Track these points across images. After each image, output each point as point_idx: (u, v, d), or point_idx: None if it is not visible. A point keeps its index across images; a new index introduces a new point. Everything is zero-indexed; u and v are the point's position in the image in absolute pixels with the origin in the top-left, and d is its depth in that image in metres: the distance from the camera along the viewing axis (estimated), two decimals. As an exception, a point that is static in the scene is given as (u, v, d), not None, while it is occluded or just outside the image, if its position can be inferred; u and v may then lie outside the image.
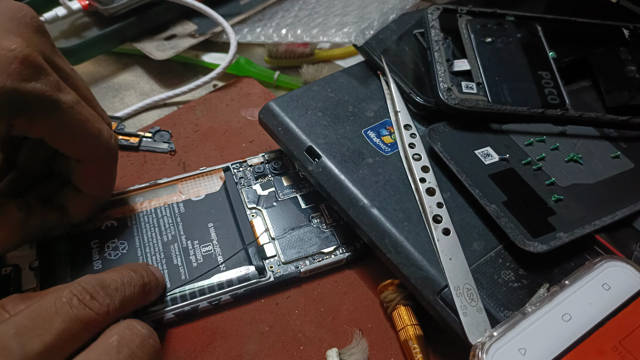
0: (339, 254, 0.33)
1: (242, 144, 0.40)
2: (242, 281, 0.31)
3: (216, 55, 0.46)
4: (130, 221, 0.33)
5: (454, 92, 0.33)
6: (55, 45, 0.27)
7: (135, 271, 0.27)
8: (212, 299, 0.30)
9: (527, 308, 0.25)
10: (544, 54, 0.37)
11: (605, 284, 0.25)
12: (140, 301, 0.27)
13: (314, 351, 0.30)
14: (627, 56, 0.37)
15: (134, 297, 0.26)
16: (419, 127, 0.34)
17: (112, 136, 0.29)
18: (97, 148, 0.28)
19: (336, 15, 0.44)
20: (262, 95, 0.44)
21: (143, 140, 0.40)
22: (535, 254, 0.27)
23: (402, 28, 0.40)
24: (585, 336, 0.23)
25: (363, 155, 0.32)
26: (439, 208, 0.30)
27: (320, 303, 0.32)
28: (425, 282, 0.27)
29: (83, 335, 0.22)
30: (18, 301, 0.23)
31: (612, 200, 0.30)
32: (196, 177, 0.36)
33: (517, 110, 0.33)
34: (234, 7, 0.48)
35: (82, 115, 0.26)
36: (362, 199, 0.30)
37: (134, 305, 0.26)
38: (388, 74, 0.36)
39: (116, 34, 0.44)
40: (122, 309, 0.25)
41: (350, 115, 0.35)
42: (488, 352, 0.23)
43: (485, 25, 0.38)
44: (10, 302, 0.23)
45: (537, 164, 0.32)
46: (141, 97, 0.45)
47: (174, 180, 0.35)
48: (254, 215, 0.34)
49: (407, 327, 0.29)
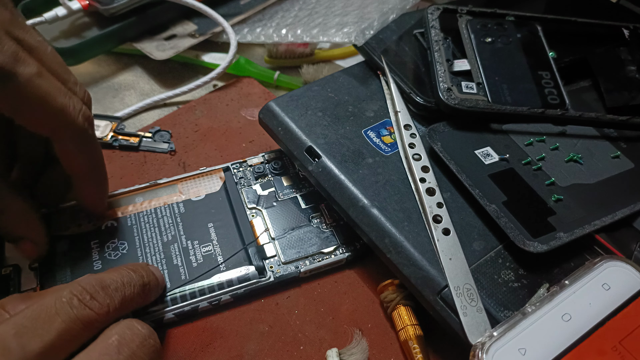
0: (338, 254, 0.33)
1: (242, 144, 0.40)
2: (242, 281, 0.31)
3: (216, 55, 0.46)
4: (130, 221, 0.33)
5: (454, 92, 0.33)
6: (56, 50, 0.27)
7: (135, 271, 0.27)
8: (212, 299, 0.30)
9: (527, 308, 0.25)
10: (544, 54, 0.37)
11: (605, 284, 0.25)
12: (140, 301, 0.27)
13: (314, 351, 0.30)
14: (627, 56, 0.37)
15: (134, 297, 0.26)
16: (419, 127, 0.34)
17: (80, 113, 0.27)
18: (62, 124, 0.26)
19: (336, 15, 0.44)
20: (262, 95, 0.44)
21: (143, 140, 0.40)
22: (535, 254, 0.27)
23: (402, 28, 0.40)
24: (585, 336, 0.23)
25: (363, 155, 0.32)
26: (439, 208, 0.30)
27: (320, 303, 0.32)
28: (425, 282, 0.27)
29: (83, 335, 0.22)
30: (18, 301, 0.23)
31: (612, 200, 0.30)
32: (196, 177, 0.36)
33: (517, 110, 0.33)
34: (234, 7, 0.48)
35: (42, 88, 0.25)
36: (362, 199, 0.30)
37: (134, 305, 0.26)
38: (388, 74, 0.36)
39: (116, 34, 0.44)
40: (122, 309, 0.25)
41: (350, 115, 0.35)
42: (488, 352, 0.23)
43: (485, 25, 0.38)
44: (10, 303, 0.23)
45: (537, 164, 0.32)
46: (141, 97, 0.45)
47: (174, 180, 0.35)
48: (254, 215, 0.34)
49: (407, 327, 0.29)
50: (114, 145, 0.39)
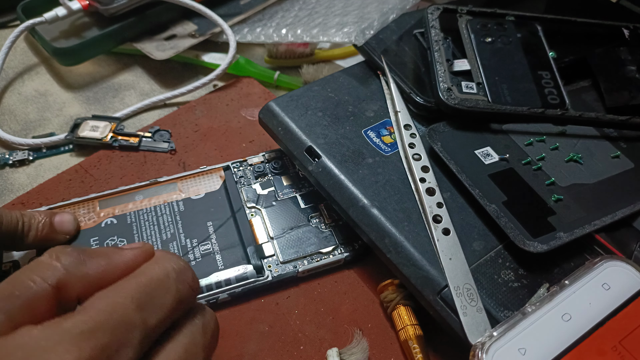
0: (337, 254, 0.32)
1: (242, 144, 0.40)
2: (240, 280, 0.31)
3: (216, 56, 0.46)
4: (130, 219, 0.33)
5: (454, 92, 0.33)
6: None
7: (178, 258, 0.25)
8: (209, 297, 0.30)
9: (527, 308, 0.25)
10: (544, 54, 0.37)
11: (605, 283, 0.25)
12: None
13: (314, 351, 0.29)
14: (627, 56, 0.37)
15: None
16: (419, 127, 0.34)
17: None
18: None
19: (336, 15, 0.44)
20: (262, 95, 0.44)
21: (143, 140, 0.40)
22: (535, 254, 0.27)
23: (402, 28, 0.40)
24: (585, 336, 0.23)
25: (363, 155, 0.32)
26: (439, 208, 0.30)
27: (320, 303, 0.32)
28: (425, 282, 0.27)
29: (180, 311, 0.22)
30: (73, 254, 0.21)
31: (612, 200, 0.30)
32: (196, 175, 0.36)
33: (517, 110, 0.33)
34: (234, 7, 0.48)
35: None
36: (362, 199, 0.30)
37: None
38: (388, 74, 0.36)
39: (116, 34, 0.44)
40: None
41: (350, 115, 0.35)
42: (488, 352, 0.23)
43: (485, 25, 0.38)
44: (64, 255, 0.21)
45: (537, 164, 0.32)
46: (141, 97, 0.45)
47: (174, 178, 0.35)
48: (253, 214, 0.34)
49: (407, 327, 0.29)
50: (114, 145, 0.39)
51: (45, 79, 0.46)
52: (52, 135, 0.40)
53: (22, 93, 0.44)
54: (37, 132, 0.41)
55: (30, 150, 0.40)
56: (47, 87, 0.45)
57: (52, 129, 0.42)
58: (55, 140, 0.40)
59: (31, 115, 0.43)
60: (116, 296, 0.19)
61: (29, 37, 0.49)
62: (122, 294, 0.20)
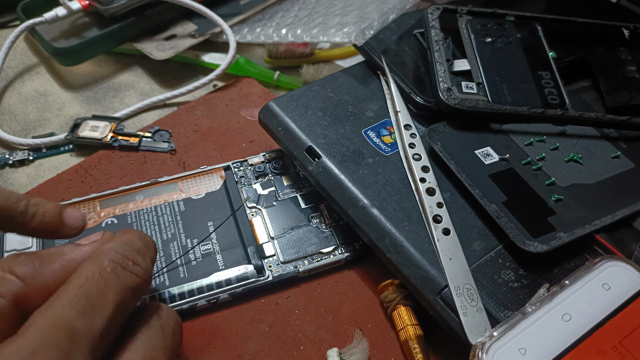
0: (337, 254, 0.33)
1: (242, 144, 0.40)
2: (241, 280, 0.31)
3: (216, 56, 0.46)
4: (130, 218, 0.33)
5: (454, 92, 0.33)
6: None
7: (141, 234, 0.24)
8: (210, 297, 0.30)
9: (527, 308, 0.25)
10: (544, 54, 0.37)
11: (605, 284, 0.25)
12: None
13: (314, 351, 0.29)
14: (627, 56, 0.37)
15: (154, 259, 0.24)
16: (419, 127, 0.34)
17: None
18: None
19: (336, 15, 0.44)
20: (262, 95, 0.44)
21: (143, 140, 0.40)
22: (535, 254, 0.27)
23: (402, 28, 0.40)
24: (585, 336, 0.23)
25: (363, 155, 0.32)
26: (439, 208, 0.30)
27: (320, 303, 0.32)
28: (425, 282, 0.27)
29: (134, 303, 0.21)
30: (23, 262, 0.20)
31: (612, 200, 0.30)
32: (197, 175, 0.36)
33: (517, 110, 0.33)
34: (234, 7, 0.48)
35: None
36: (362, 199, 0.30)
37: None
38: (388, 74, 0.36)
39: (116, 34, 0.44)
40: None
41: (350, 115, 0.35)
42: (488, 352, 0.23)
43: (485, 25, 0.38)
44: (16, 265, 0.20)
45: (537, 164, 0.32)
46: (141, 97, 0.45)
47: (174, 178, 0.35)
48: (254, 214, 0.34)
49: (407, 327, 0.29)
50: (114, 145, 0.39)
51: (45, 79, 0.46)
52: (52, 135, 0.40)
53: (22, 93, 0.44)
54: (37, 132, 0.41)
55: (30, 150, 0.40)
56: (47, 87, 0.45)
57: (52, 129, 0.42)
58: (55, 140, 0.40)
59: (31, 115, 0.43)
60: (55, 307, 0.18)
61: (29, 37, 0.49)
62: (60, 303, 0.18)
